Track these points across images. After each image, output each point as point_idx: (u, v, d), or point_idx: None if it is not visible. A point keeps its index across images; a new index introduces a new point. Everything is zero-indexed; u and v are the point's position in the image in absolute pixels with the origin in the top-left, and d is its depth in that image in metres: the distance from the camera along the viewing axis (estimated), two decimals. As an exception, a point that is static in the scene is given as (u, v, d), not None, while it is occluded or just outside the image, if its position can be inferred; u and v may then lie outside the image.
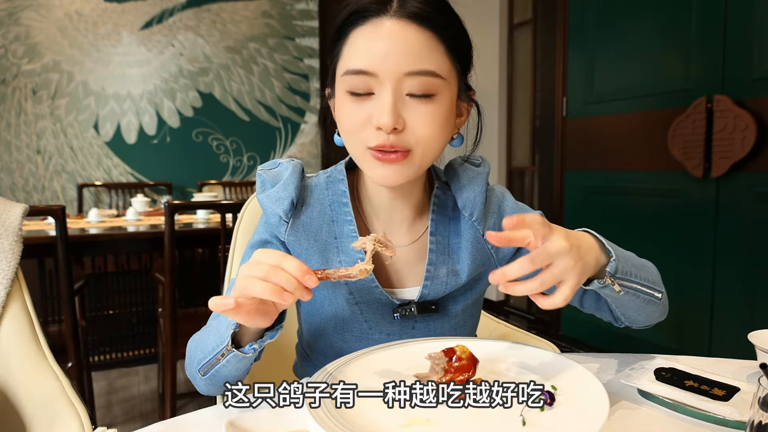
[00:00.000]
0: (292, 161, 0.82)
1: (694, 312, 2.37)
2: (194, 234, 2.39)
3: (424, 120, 0.69)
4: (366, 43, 0.68)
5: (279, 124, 4.27)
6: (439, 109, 0.70)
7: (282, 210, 0.77)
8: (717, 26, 2.22)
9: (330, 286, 0.80)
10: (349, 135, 0.73)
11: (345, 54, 0.71)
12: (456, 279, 0.80)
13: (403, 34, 0.67)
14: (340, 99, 0.72)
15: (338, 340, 0.82)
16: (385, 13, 0.67)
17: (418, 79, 0.68)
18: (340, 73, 0.71)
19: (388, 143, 0.68)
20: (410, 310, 0.78)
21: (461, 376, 0.63)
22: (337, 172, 0.83)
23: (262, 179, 0.81)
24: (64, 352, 1.80)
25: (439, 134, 0.71)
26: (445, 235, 0.82)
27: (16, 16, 3.53)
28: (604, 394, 0.59)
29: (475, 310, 0.88)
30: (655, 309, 0.76)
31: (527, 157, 3.74)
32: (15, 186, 3.62)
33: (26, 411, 0.85)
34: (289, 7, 4.24)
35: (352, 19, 0.70)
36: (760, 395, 0.48)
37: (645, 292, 0.72)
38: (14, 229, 0.95)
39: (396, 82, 0.67)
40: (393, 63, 0.67)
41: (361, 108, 0.70)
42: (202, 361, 0.70)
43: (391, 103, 0.67)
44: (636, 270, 0.71)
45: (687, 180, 2.37)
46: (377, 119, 0.68)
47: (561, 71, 3.13)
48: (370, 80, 0.68)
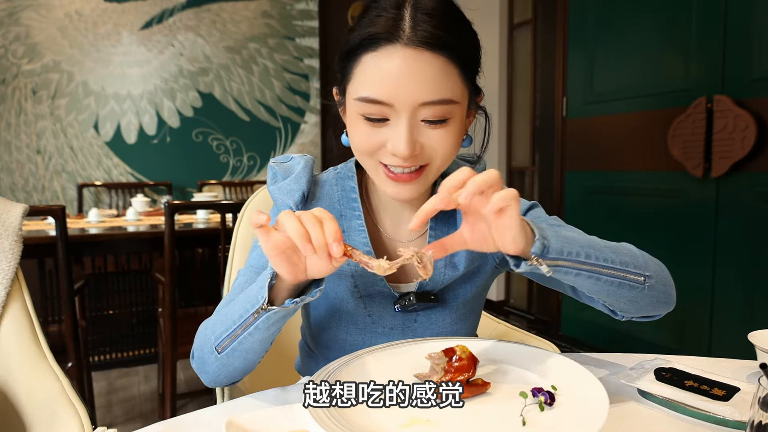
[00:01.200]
0: (305, 156, 0.83)
1: (694, 312, 2.37)
2: (194, 234, 2.39)
3: (440, 142, 0.70)
4: (379, 70, 0.67)
5: (279, 124, 4.27)
6: (453, 130, 0.71)
7: (293, 201, 0.79)
8: (717, 26, 2.22)
9: (336, 279, 0.81)
10: (362, 154, 0.74)
11: (357, 77, 0.70)
12: (453, 270, 0.81)
13: (417, 62, 0.66)
14: (354, 119, 0.72)
15: (342, 333, 0.83)
16: (397, 41, 0.66)
17: (435, 108, 0.68)
18: (353, 96, 0.70)
19: (404, 166, 0.70)
20: (409, 300, 0.79)
21: (461, 376, 0.63)
22: (347, 169, 0.85)
23: (273, 171, 0.82)
24: (64, 352, 1.80)
25: (453, 150, 0.73)
26: (443, 229, 0.83)
27: (16, 16, 3.53)
28: (604, 394, 0.59)
29: (476, 305, 0.89)
30: (637, 294, 0.70)
31: (527, 157, 3.74)
32: (15, 186, 3.62)
33: (26, 411, 0.85)
34: (289, 7, 4.24)
35: (363, 44, 0.68)
36: (760, 395, 0.48)
37: (605, 273, 0.66)
38: (14, 229, 0.95)
39: (412, 111, 0.67)
40: (409, 93, 0.66)
41: (375, 132, 0.70)
42: (222, 335, 0.68)
43: (407, 133, 0.67)
44: (590, 250, 0.65)
45: (687, 180, 2.37)
46: (393, 147, 0.68)
47: (561, 71, 3.13)
48: (385, 109, 0.68)
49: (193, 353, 0.76)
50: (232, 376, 0.73)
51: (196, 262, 2.91)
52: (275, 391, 0.72)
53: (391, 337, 0.82)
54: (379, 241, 0.83)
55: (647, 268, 0.71)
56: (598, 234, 0.73)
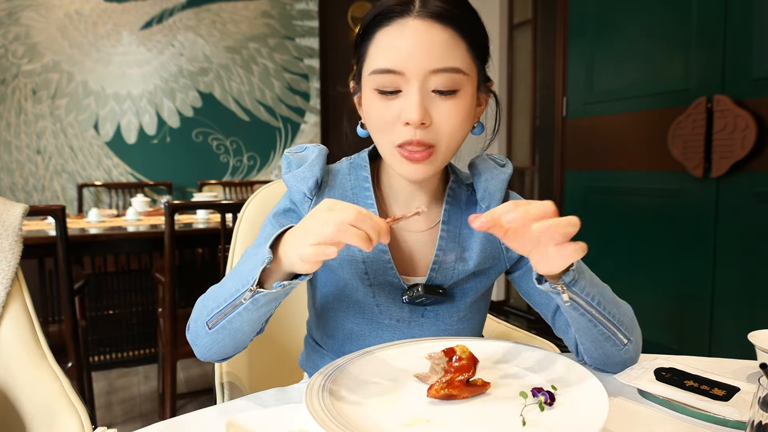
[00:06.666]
0: (319, 146, 0.86)
1: (694, 312, 2.37)
2: (194, 234, 2.39)
3: (449, 115, 0.72)
4: (391, 42, 0.71)
5: (279, 124, 4.27)
6: (462, 104, 0.73)
7: (307, 188, 0.81)
8: (717, 26, 2.22)
9: (347, 264, 0.81)
10: (378, 133, 0.76)
11: (371, 54, 0.74)
12: (464, 265, 0.82)
13: (427, 32, 0.70)
14: (369, 97, 0.75)
15: (348, 322, 0.84)
16: (408, 14, 0.71)
17: (443, 76, 0.71)
18: (367, 72, 0.74)
19: (415, 139, 0.72)
20: (417, 291, 0.80)
21: (461, 376, 0.63)
22: (360, 159, 0.87)
23: (288, 161, 0.84)
24: (64, 352, 1.80)
25: (462, 127, 0.75)
26: (456, 225, 0.84)
27: (16, 16, 3.53)
28: (604, 394, 0.59)
29: (482, 306, 0.90)
30: (615, 351, 0.74)
31: (527, 157, 3.74)
32: (15, 186, 3.62)
33: (26, 411, 0.85)
34: (289, 7, 4.24)
35: (377, 21, 0.73)
36: (760, 395, 0.48)
37: (603, 323, 0.70)
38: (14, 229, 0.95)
39: (422, 79, 0.71)
40: (419, 61, 0.70)
41: (389, 106, 0.73)
42: (214, 311, 0.69)
43: (419, 99, 0.71)
44: (602, 299, 0.70)
45: (687, 180, 2.36)
46: (406, 115, 0.71)
47: (561, 71, 3.13)
48: (397, 78, 0.71)
49: (189, 325, 0.77)
50: (223, 353, 0.75)
51: (196, 262, 2.92)
52: (275, 391, 0.72)
53: (396, 330, 0.83)
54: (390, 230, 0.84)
55: (633, 333, 0.75)
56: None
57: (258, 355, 1.08)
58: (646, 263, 2.52)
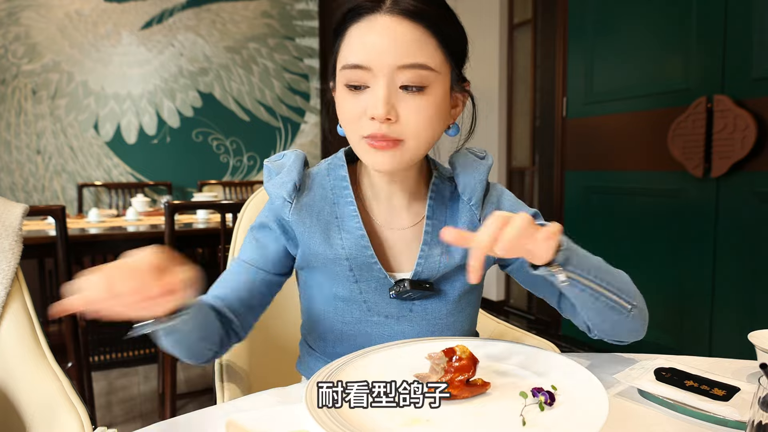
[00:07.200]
0: (296, 151, 0.86)
1: (694, 312, 2.37)
2: (194, 234, 2.39)
3: (416, 112, 0.72)
4: (361, 38, 0.72)
5: (279, 124, 4.27)
6: (431, 100, 0.73)
7: (286, 192, 0.81)
8: (717, 26, 2.22)
9: (332, 263, 0.81)
10: (347, 125, 0.77)
11: (343, 49, 0.75)
12: (450, 259, 0.83)
13: (396, 29, 0.70)
14: (340, 92, 0.76)
15: (338, 323, 0.84)
16: (378, 10, 0.71)
17: (411, 72, 0.71)
18: (339, 68, 0.75)
19: (380, 133, 0.72)
20: (404, 286, 0.81)
21: (461, 376, 0.63)
22: (337, 159, 0.87)
23: (268, 169, 0.85)
24: (64, 352, 1.80)
25: (431, 125, 0.75)
26: (441, 219, 0.85)
27: (16, 16, 3.53)
28: (604, 394, 0.59)
29: (473, 298, 0.89)
30: (622, 319, 0.75)
31: (527, 157, 3.74)
32: (15, 186, 3.62)
33: (26, 411, 0.85)
34: (289, 7, 4.24)
35: (348, 16, 0.74)
36: (760, 395, 0.48)
37: (604, 294, 0.72)
38: (14, 229, 0.95)
39: (389, 75, 0.71)
40: (386, 57, 0.70)
41: (357, 100, 0.74)
42: None
43: (384, 95, 0.71)
44: (598, 271, 0.71)
45: (687, 180, 2.36)
46: (371, 110, 0.72)
47: (561, 71, 3.12)
48: (365, 74, 0.72)
49: None
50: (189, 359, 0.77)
51: (196, 262, 2.91)
52: (275, 391, 0.72)
53: (386, 326, 0.83)
54: (372, 229, 0.84)
55: (635, 298, 0.76)
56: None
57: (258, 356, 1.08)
58: (646, 263, 2.52)
